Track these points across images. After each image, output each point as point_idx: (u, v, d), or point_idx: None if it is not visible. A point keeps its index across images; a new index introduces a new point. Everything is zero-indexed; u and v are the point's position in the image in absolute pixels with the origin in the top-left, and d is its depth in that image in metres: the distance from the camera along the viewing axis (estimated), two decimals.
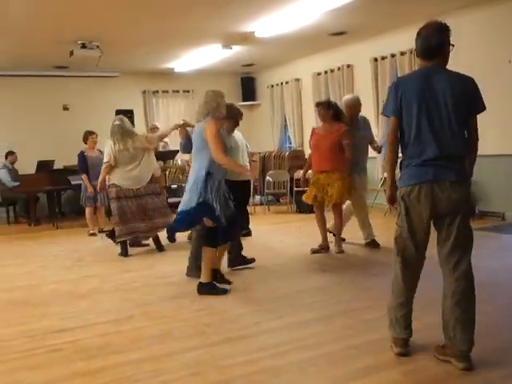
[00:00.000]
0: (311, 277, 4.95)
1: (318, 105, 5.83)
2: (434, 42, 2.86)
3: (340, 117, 5.69)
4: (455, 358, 2.83)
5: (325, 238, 5.87)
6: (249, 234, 6.89)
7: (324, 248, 5.84)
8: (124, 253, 6.27)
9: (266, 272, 5.15)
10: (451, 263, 2.87)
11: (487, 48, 7.09)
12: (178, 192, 9.14)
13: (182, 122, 5.83)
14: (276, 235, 7.24)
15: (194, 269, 4.91)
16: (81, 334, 3.70)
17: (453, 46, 2.94)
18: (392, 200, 3.03)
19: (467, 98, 2.84)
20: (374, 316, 3.69)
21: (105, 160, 6.27)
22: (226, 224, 4.34)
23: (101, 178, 6.44)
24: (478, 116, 2.91)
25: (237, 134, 5.29)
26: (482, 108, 2.88)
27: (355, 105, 5.91)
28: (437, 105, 2.82)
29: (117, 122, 6.31)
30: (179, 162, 10.89)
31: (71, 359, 3.25)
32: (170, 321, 3.88)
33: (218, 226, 4.36)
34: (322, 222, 5.86)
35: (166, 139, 8.15)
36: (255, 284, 4.74)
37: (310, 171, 5.94)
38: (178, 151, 8.06)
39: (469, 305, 2.84)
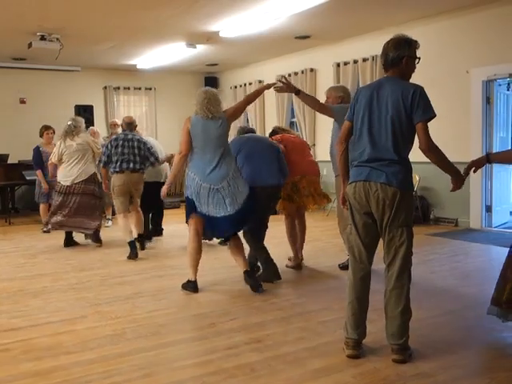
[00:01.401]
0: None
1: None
2: (391, 55, 3.02)
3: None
4: (391, 350, 3.03)
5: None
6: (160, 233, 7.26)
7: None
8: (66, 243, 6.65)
9: (222, 273, 5.13)
10: (386, 262, 3.05)
11: (446, 58, 7.29)
12: None
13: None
14: None
15: (272, 272, 4.78)
16: (30, 333, 3.59)
17: (418, 58, 3.08)
18: (343, 200, 3.25)
19: (409, 106, 2.92)
20: (330, 318, 3.74)
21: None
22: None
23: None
24: (433, 125, 2.98)
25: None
26: (428, 115, 2.93)
27: None
28: (379, 111, 3.00)
29: (69, 122, 6.64)
30: None
31: (19, 359, 3.16)
32: (123, 321, 3.82)
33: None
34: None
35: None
36: (211, 285, 4.72)
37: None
38: None
39: (398, 303, 2.98)
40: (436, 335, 3.41)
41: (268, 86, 4.71)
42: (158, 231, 7.21)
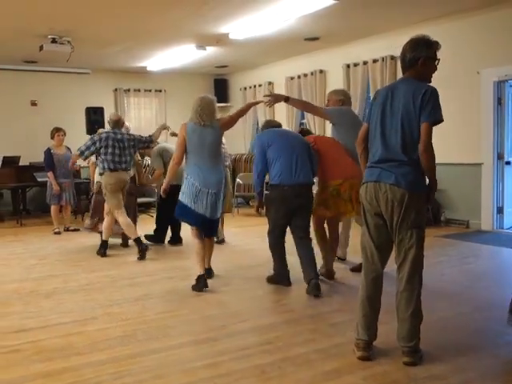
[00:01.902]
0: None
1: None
2: (408, 56, 3.02)
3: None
4: (402, 353, 3.01)
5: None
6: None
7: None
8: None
9: (231, 275, 5.14)
10: (397, 264, 3.05)
11: (457, 59, 7.24)
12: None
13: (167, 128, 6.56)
14: (243, 238, 7.24)
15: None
16: (41, 334, 3.62)
17: (438, 60, 3.04)
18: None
19: (418, 106, 2.91)
20: (341, 319, 3.73)
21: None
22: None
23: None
24: (444, 126, 2.97)
25: None
26: (434, 118, 2.89)
27: None
28: (391, 113, 3.00)
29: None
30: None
31: (30, 360, 3.18)
32: (133, 322, 3.83)
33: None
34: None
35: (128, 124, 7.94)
36: (221, 287, 4.72)
37: None
38: None
39: (408, 305, 2.97)
40: (447, 338, 3.39)
41: (256, 103, 5.27)
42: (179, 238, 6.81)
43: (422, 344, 3.04)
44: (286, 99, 4.59)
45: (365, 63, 8.60)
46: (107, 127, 6.78)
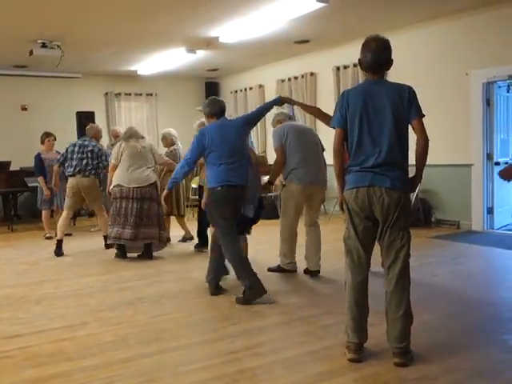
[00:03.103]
0: (268, 284, 4.93)
1: None
2: (383, 56, 3.04)
3: None
4: (393, 354, 3.02)
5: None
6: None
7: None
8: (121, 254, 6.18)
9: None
10: (386, 265, 3.05)
11: (445, 61, 7.30)
12: None
13: None
14: None
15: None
16: (32, 340, 3.60)
17: (391, 60, 3.11)
18: (342, 205, 3.20)
19: (406, 106, 2.98)
20: (332, 322, 3.74)
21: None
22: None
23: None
24: (434, 128, 3.00)
25: None
26: (421, 113, 2.99)
27: None
28: (377, 116, 3.00)
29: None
30: None
31: (20, 366, 3.17)
32: (125, 327, 3.82)
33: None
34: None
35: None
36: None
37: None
38: None
39: (399, 306, 2.98)
40: (437, 338, 3.41)
41: None
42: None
43: (412, 344, 3.05)
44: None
45: (355, 65, 8.63)
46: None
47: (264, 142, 11.02)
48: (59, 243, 6.53)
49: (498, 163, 7.14)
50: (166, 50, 8.93)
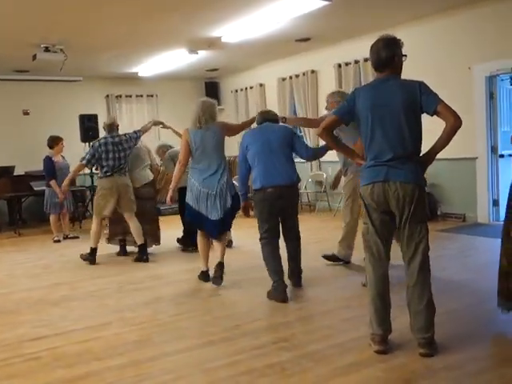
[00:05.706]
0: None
1: None
2: (384, 55, 3.10)
3: None
4: (418, 344, 3.07)
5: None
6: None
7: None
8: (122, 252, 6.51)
9: (241, 275, 5.19)
10: (406, 258, 3.11)
11: (448, 55, 7.36)
12: None
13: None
14: (244, 239, 7.26)
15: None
16: (58, 341, 3.64)
17: (405, 56, 3.18)
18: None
19: (418, 100, 3.03)
20: (353, 315, 3.79)
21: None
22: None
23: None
24: (438, 123, 3.07)
25: None
26: (438, 101, 3.03)
27: None
28: (389, 112, 3.05)
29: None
30: None
31: (51, 367, 3.21)
32: (148, 326, 3.86)
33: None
34: None
35: None
36: (231, 287, 4.78)
37: None
38: None
39: (422, 297, 3.04)
40: (457, 329, 3.45)
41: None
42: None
43: (435, 335, 3.10)
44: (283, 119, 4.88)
45: (356, 62, 8.69)
46: (102, 133, 6.88)
47: None
48: (93, 251, 6.18)
49: (502, 155, 7.22)
50: (168, 52, 8.95)
